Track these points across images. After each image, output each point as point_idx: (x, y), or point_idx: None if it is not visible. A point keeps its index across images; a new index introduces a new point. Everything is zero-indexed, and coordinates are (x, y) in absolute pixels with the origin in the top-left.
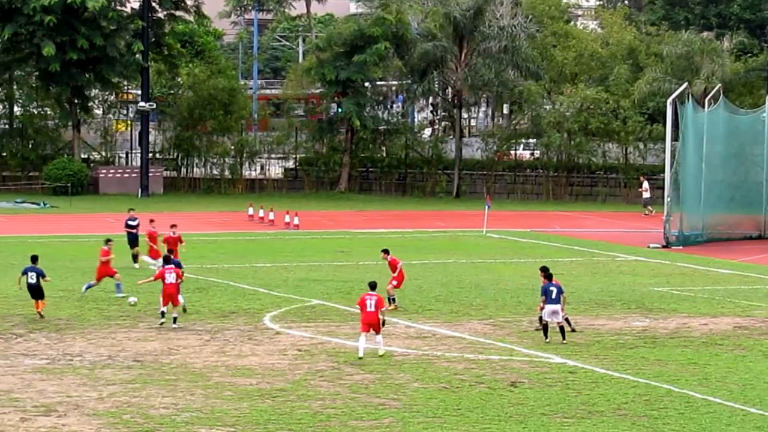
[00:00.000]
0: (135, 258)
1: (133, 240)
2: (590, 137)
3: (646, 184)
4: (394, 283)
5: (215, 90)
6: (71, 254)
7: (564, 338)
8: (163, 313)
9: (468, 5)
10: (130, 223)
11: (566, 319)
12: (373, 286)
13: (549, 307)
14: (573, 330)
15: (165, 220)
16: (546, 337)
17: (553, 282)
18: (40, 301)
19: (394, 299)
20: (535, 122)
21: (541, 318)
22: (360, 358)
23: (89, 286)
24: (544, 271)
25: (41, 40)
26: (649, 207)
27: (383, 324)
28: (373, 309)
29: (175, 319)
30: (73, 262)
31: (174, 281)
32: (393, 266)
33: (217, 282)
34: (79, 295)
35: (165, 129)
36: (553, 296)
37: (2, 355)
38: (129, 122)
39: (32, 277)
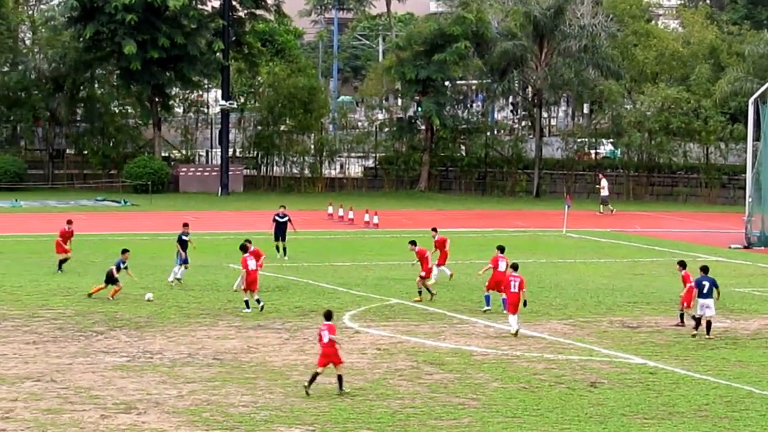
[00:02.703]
0: (278, 249)
1: (280, 234)
2: (671, 137)
3: (604, 182)
4: (423, 274)
5: (295, 89)
6: (151, 252)
7: (708, 332)
8: (247, 303)
9: (548, 4)
10: (278, 219)
11: (690, 316)
12: (515, 267)
13: (701, 302)
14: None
15: (244, 218)
16: (696, 329)
17: (707, 276)
18: (110, 286)
19: (421, 291)
20: (616, 122)
21: (682, 316)
22: (514, 333)
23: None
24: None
25: (122, 38)
26: (610, 206)
27: (525, 305)
28: (516, 290)
29: (258, 301)
30: (153, 260)
31: (254, 267)
32: (422, 257)
33: (296, 280)
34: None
35: (245, 127)
36: (705, 290)
37: (83, 352)
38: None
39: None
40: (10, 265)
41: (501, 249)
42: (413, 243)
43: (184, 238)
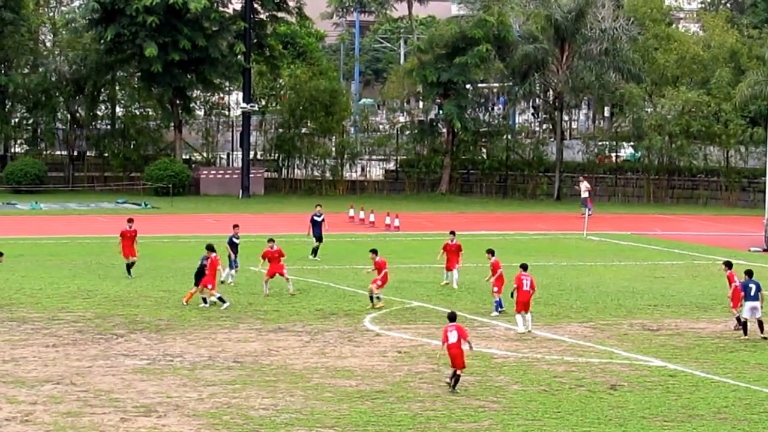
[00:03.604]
0: (315, 252)
1: (318, 235)
2: (691, 140)
3: (585, 184)
4: (378, 283)
5: (317, 91)
6: (172, 255)
7: (762, 331)
8: (221, 298)
9: (570, 7)
10: (315, 218)
11: (760, 321)
12: (525, 267)
13: (749, 304)
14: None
15: (265, 221)
16: (745, 334)
17: (753, 279)
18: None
19: (379, 297)
20: (636, 125)
21: (738, 318)
22: (521, 333)
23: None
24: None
25: (144, 40)
26: (589, 207)
27: (512, 295)
28: (528, 288)
29: (204, 300)
30: (174, 263)
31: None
32: (380, 268)
33: (317, 283)
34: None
35: (266, 130)
36: (752, 293)
37: (103, 355)
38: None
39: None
40: (30, 267)
41: (492, 252)
42: (374, 252)
43: (234, 240)
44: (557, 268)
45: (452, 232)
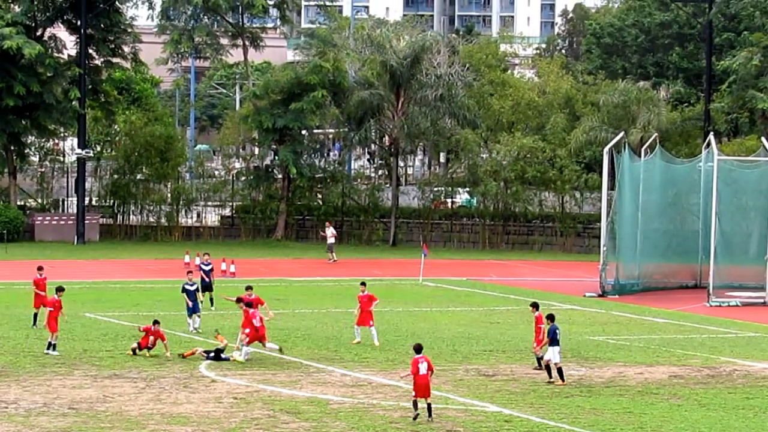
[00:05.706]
0: (212, 301)
1: (206, 284)
2: (527, 186)
3: (330, 230)
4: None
5: (152, 137)
6: (6, 302)
7: (563, 380)
8: (53, 345)
9: (405, 54)
10: (203, 267)
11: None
12: (247, 304)
13: (557, 348)
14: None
15: (100, 267)
16: (551, 377)
17: (555, 324)
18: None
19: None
20: (472, 171)
21: (540, 359)
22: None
23: None
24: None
25: None
26: (334, 254)
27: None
28: (260, 324)
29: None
30: (8, 309)
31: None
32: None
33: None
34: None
35: (101, 176)
36: (558, 337)
37: None
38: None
39: None
40: None
41: (243, 302)
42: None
43: (187, 287)
44: (393, 314)
45: (363, 283)
